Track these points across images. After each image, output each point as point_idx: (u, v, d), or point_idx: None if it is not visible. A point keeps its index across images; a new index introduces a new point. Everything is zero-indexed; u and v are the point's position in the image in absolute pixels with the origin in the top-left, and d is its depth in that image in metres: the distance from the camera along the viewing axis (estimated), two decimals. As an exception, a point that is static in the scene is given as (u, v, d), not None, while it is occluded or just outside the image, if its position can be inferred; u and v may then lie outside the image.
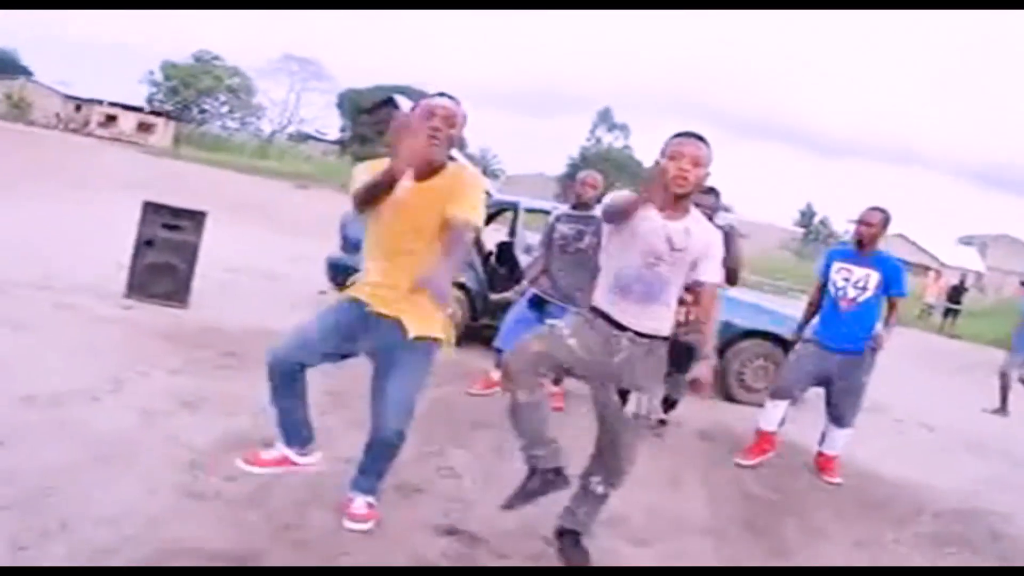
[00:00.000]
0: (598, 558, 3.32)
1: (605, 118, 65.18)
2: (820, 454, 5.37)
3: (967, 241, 70.40)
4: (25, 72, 55.60)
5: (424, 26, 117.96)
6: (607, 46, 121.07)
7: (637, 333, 3.10)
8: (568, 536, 3.32)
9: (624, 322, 3.10)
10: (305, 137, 59.09)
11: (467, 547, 3.29)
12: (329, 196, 20.78)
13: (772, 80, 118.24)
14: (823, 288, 5.29)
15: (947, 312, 22.69)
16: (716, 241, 3.24)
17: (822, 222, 62.44)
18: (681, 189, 3.03)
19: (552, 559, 3.33)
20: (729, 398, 7.22)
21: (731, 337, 7.26)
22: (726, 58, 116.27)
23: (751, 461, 5.30)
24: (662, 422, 5.65)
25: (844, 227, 64.13)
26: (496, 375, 5.99)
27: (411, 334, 3.04)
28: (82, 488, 3.15)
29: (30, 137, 26.80)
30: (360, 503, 3.21)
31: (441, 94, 3.05)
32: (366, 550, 3.07)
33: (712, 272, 3.21)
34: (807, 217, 62.27)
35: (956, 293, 22.92)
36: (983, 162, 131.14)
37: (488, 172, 58.79)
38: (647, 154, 55.44)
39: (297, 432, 3.28)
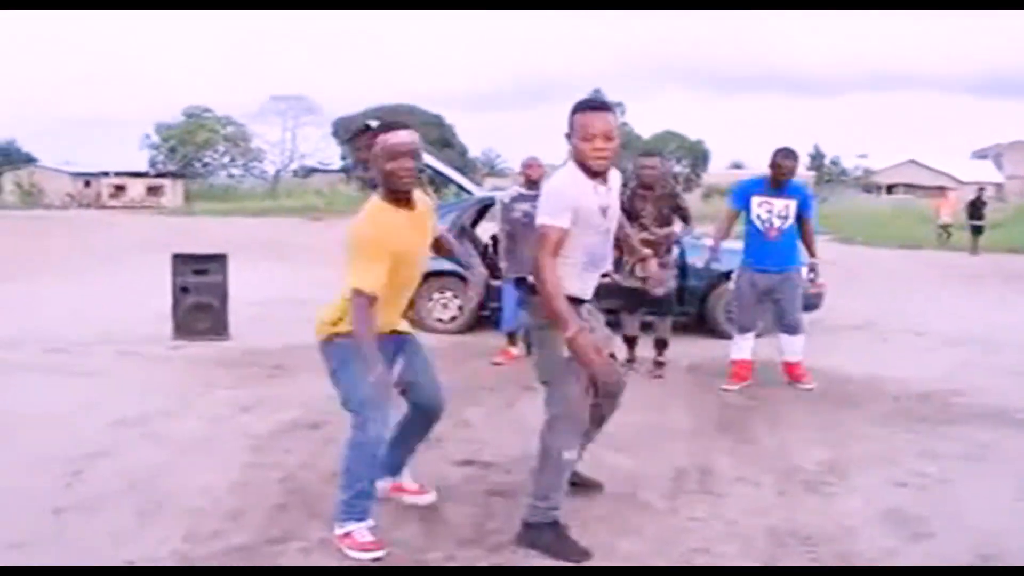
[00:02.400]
0: (581, 467, 3.90)
1: (597, 100, 65.46)
2: (786, 363, 6.09)
3: (981, 154, 69.61)
4: (29, 159, 56.49)
5: (403, 41, 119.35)
6: (586, 29, 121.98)
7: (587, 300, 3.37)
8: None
9: (584, 295, 3.31)
10: (310, 171, 59.81)
11: (481, 471, 4.14)
12: (342, 224, 21.47)
13: (753, 32, 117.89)
14: (735, 218, 6.10)
15: (974, 230, 20.70)
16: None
17: (833, 162, 62.33)
18: (602, 166, 3.15)
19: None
20: (721, 335, 7.86)
21: (713, 280, 8.06)
22: (704, 17, 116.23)
23: (734, 386, 5.95)
24: (660, 363, 6.43)
25: (854, 163, 64.13)
26: (515, 349, 6.84)
27: (412, 333, 3.53)
28: (177, 472, 4.07)
29: (50, 221, 27.93)
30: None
31: (389, 126, 3.11)
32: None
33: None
34: (817, 159, 61.92)
35: (975, 209, 21.01)
36: (980, 73, 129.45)
37: (495, 172, 59.46)
38: (646, 127, 55.81)
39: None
